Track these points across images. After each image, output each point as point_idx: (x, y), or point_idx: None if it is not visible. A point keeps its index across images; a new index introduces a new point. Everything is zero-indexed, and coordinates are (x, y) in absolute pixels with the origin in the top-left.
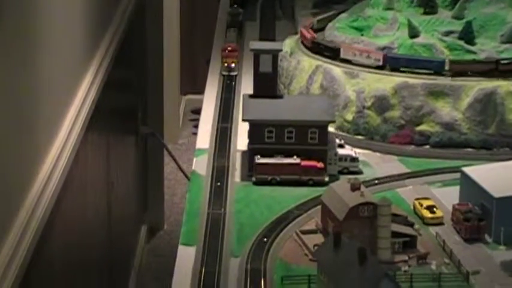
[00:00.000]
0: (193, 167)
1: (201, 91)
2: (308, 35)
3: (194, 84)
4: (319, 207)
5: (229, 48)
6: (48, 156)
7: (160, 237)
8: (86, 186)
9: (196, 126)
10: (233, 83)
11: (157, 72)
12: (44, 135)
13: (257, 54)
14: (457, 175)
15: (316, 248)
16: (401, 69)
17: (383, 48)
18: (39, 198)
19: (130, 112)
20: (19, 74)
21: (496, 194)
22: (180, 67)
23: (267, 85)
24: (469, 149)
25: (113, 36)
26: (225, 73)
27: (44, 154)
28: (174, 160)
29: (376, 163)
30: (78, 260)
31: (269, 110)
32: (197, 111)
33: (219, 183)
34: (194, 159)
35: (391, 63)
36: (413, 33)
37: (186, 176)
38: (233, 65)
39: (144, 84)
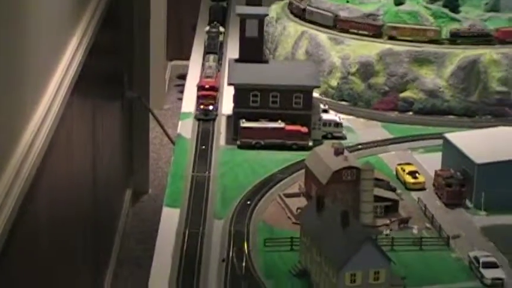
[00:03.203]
0: (178, 130)
1: (186, 57)
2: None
3: (180, 50)
4: (302, 171)
5: (206, 86)
6: (33, 118)
7: (145, 201)
8: (72, 148)
9: (181, 92)
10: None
11: (144, 37)
12: (30, 96)
13: (243, 18)
14: (440, 141)
15: (299, 211)
16: (387, 35)
17: (368, 15)
18: (25, 157)
19: (116, 76)
20: (5, 35)
21: (478, 160)
22: (167, 33)
23: (253, 50)
24: (452, 116)
25: (95, 8)
26: (200, 117)
27: (29, 115)
28: (160, 125)
29: (359, 129)
30: (64, 220)
31: (254, 74)
32: (183, 77)
33: (203, 147)
34: (179, 122)
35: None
36: (399, 1)
37: (171, 141)
38: (211, 107)
39: (131, 49)
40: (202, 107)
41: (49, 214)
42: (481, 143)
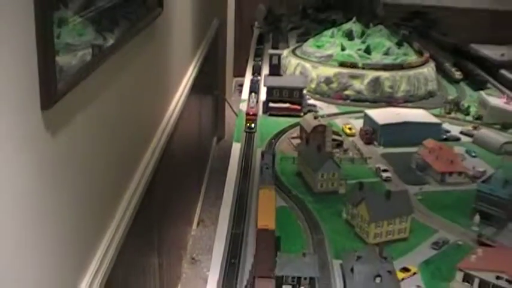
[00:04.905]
0: (239, 107)
1: (242, 75)
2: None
3: (239, 71)
4: (298, 126)
5: (250, 113)
6: (171, 105)
7: (223, 143)
8: (190, 120)
9: (240, 91)
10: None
11: (223, 67)
12: (170, 94)
13: (271, 55)
14: (362, 114)
15: (297, 144)
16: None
17: (329, 55)
18: (167, 123)
19: (210, 84)
20: (161, 65)
21: (380, 122)
22: (234, 64)
23: (275, 70)
24: (368, 103)
25: (202, 50)
26: (246, 130)
27: (168, 104)
28: (230, 106)
29: (325, 108)
30: (186, 155)
31: (276, 81)
32: (241, 85)
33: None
34: (240, 104)
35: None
36: (343, 49)
37: (235, 114)
38: (253, 125)
39: (216, 70)
40: (248, 125)
41: (179, 153)
42: (382, 115)
